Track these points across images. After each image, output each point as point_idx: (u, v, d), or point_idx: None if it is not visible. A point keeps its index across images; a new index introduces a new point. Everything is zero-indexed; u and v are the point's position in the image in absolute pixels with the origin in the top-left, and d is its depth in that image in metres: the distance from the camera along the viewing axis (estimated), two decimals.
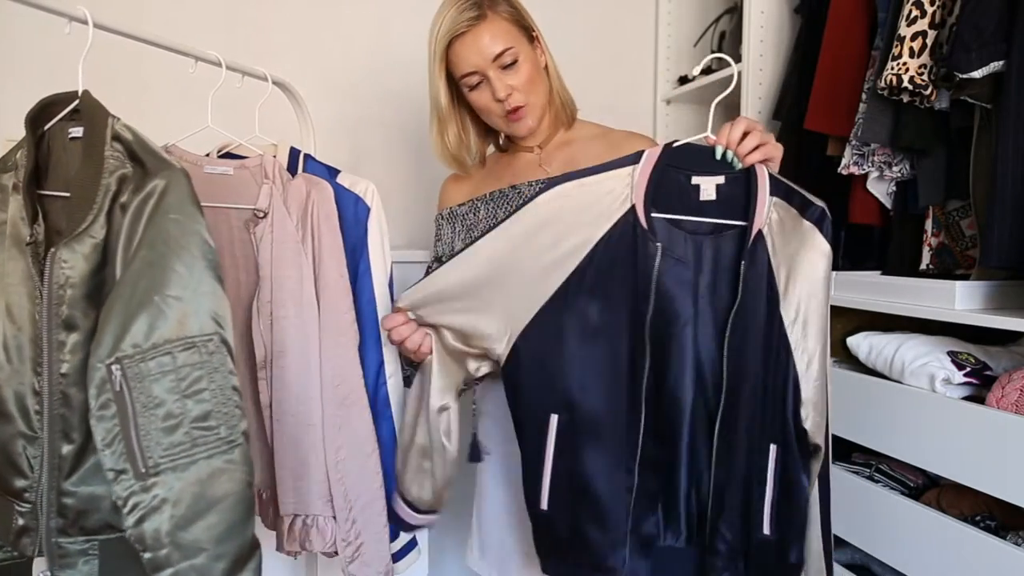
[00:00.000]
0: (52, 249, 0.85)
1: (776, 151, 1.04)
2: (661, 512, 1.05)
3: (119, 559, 0.91)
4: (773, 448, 1.02)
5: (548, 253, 1.03)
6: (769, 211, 1.02)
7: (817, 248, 1.01)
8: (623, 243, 1.02)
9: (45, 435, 0.88)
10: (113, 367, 0.81)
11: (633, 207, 1.02)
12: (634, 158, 1.04)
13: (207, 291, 0.85)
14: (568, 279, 1.03)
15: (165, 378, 0.82)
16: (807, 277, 1.01)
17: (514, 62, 1.20)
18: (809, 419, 1.03)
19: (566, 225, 1.03)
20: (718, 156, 1.03)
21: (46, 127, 0.92)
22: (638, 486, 1.03)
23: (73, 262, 0.85)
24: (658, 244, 1.00)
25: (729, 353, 0.99)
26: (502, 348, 1.06)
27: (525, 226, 1.04)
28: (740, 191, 1.03)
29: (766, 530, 1.02)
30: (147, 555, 0.83)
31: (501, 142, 1.39)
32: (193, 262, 0.84)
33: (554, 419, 1.04)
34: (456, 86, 1.25)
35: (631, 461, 1.02)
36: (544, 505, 1.05)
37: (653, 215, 1.02)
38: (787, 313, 1.01)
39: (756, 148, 1.02)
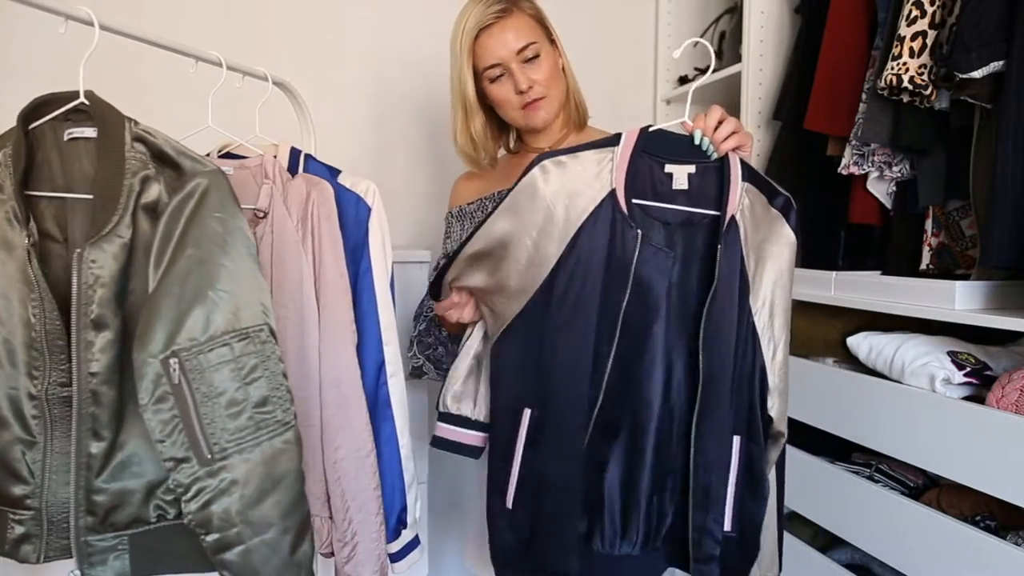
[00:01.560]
0: (78, 250, 0.86)
1: (748, 139, 1.05)
2: (619, 519, 1.02)
3: (149, 552, 0.93)
4: (736, 440, 1.02)
5: (538, 240, 1.02)
6: (742, 197, 1.02)
7: (784, 237, 1.03)
8: (602, 229, 1.00)
9: (73, 434, 0.89)
10: (170, 361, 0.84)
11: (613, 191, 1.00)
12: (613, 140, 1.03)
13: (254, 284, 0.89)
14: (553, 269, 1.01)
15: (225, 367, 0.86)
16: (774, 265, 1.02)
17: (536, 56, 1.23)
18: (775, 407, 1.04)
19: (550, 211, 1.01)
20: (696, 141, 1.03)
21: (30, 127, 0.91)
22: (588, 485, 1.01)
23: (103, 262, 0.87)
24: (638, 231, 0.99)
25: (705, 343, 0.98)
26: (498, 331, 1.06)
27: (518, 210, 1.03)
28: (712, 181, 1.03)
29: (727, 526, 1.02)
30: (213, 536, 0.87)
31: (512, 144, 1.40)
32: (239, 257, 0.89)
33: (527, 413, 1.02)
34: (478, 80, 1.27)
35: (579, 458, 1.00)
36: (509, 503, 1.04)
37: (633, 201, 1.01)
38: (755, 301, 1.02)
39: (731, 135, 1.02)
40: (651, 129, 1.03)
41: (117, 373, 0.89)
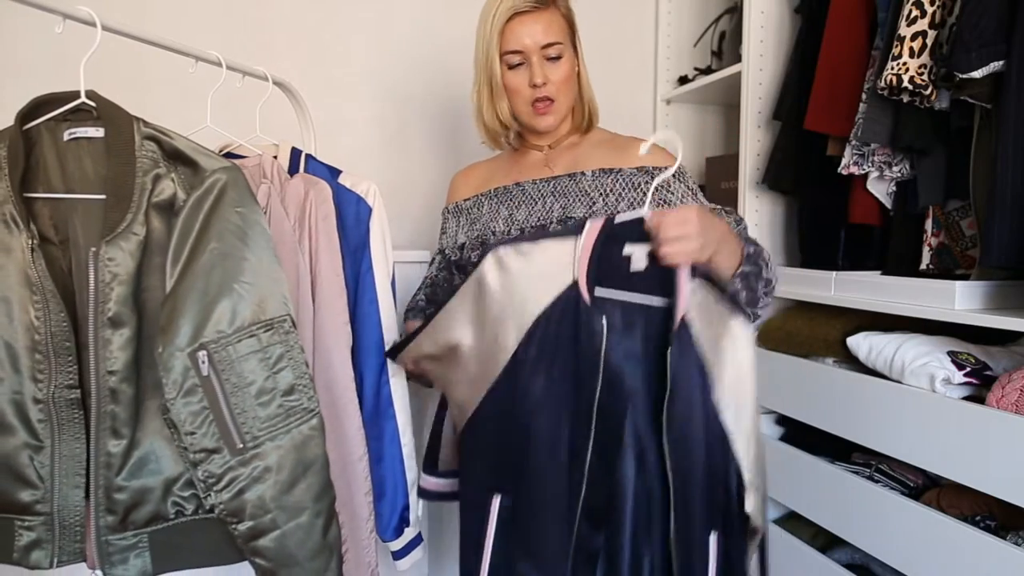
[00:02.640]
0: (93, 248, 0.86)
1: (694, 256, 0.96)
2: None
3: (169, 548, 0.94)
4: (713, 537, 0.99)
5: (495, 329, 1.00)
6: (692, 294, 0.97)
7: (735, 329, 0.97)
8: (566, 319, 0.97)
9: (92, 434, 0.89)
10: (199, 353, 0.86)
11: (576, 282, 0.97)
12: (576, 228, 0.99)
13: (276, 277, 0.92)
14: (513, 357, 0.99)
15: (253, 358, 0.88)
16: (732, 361, 0.98)
17: (558, 57, 1.23)
18: (751, 504, 1.00)
19: (508, 300, 0.99)
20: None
21: (25, 127, 0.91)
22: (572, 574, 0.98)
23: (120, 259, 0.87)
24: (603, 321, 0.96)
25: (670, 445, 0.96)
26: (463, 420, 1.06)
27: (475, 299, 1.01)
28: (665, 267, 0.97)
29: None
30: (246, 524, 0.89)
31: (511, 139, 1.39)
32: (261, 251, 0.90)
33: (496, 500, 1.00)
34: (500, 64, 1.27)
35: (568, 545, 0.97)
36: None
37: (597, 292, 0.98)
38: (719, 398, 0.98)
39: (676, 252, 0.95)
40: (618, 220, 0.99)
41: (134, 370, 0.90)
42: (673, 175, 1.17)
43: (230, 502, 0.88)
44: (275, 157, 1.18)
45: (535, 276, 0.99)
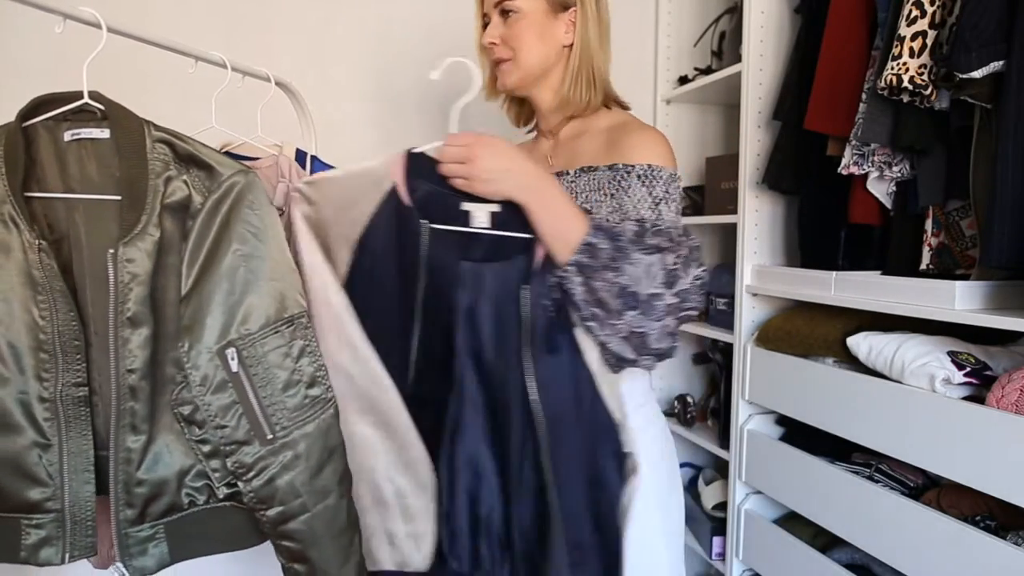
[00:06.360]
0: (111, 250, 0.88)
1: (477, 186, 1.02)
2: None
3: (184, 537, 0.98)
4: (584, 480, 1.03)
5: (334, 252, 1.03)
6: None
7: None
8: (390, 227, 1.01)
9: (112, 431, 0.92)
10: (227, 351, 0.91)
11: (394, 186, 1.01)
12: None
13: (292, 275, 0.97)
14: (347, 276, 1.03)
15: (279, 352, 0.94)
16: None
17: (510, 13, 1.18)
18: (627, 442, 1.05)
19: (335, 221, 1.03)
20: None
21: (23, 125, 0.91)
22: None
23: (139, 260, 0.90)
24: (422, 221, 1.00)
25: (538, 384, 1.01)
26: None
27: (307, 235, 1.04)
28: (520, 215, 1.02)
29: None
30: (276, 509, 0.94)
31: (514, 112, 1.37)
32: (277, 250, 0.95)
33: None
34: None
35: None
36: None
37: (432, 226, 1.01)
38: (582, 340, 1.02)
39: (455, 171, 1.02)
40: (415, 151, 1.04)
41: (152, 367, 0.93)
42: (638, 177, 1.12)
43: (260, 489, 0.93)
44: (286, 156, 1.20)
45: (355, 194, 1.03)
